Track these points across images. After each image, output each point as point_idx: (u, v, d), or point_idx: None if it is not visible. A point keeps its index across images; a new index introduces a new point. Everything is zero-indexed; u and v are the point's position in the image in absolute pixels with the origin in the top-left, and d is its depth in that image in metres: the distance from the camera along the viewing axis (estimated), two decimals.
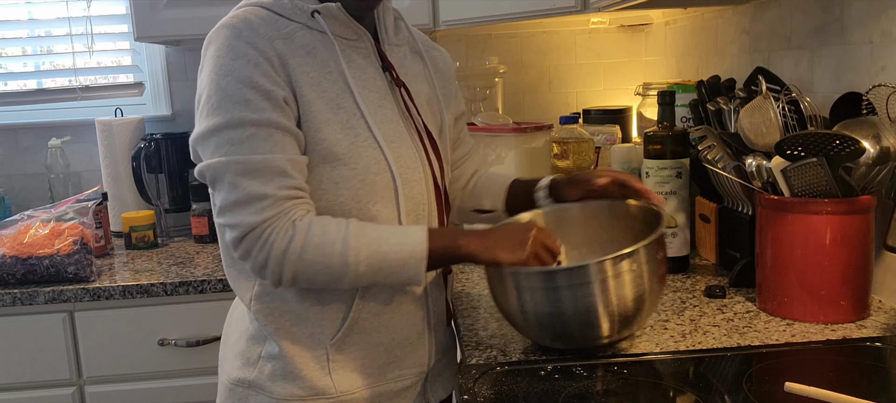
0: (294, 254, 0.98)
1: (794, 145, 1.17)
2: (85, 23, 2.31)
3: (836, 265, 1.17)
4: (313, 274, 1.00)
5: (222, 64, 0.98)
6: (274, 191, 0.98)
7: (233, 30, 1.00)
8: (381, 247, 0.99)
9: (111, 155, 2.15)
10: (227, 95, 0.97)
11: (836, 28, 1.35)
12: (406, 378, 1.16)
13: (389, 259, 0.99)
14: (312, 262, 0.98)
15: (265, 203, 0.97)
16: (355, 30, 1.09)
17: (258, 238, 0.98)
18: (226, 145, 0.98)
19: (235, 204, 0.98)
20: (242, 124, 0.97)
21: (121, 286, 1.71)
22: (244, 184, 0.97)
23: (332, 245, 0.98)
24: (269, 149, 0.98)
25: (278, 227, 0.98)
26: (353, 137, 1.04)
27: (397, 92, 1.13)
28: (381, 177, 1.05)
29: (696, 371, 1.04)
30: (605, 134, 1.99)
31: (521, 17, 1.85)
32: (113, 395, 1.76)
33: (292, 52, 1.02)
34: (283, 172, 0.98)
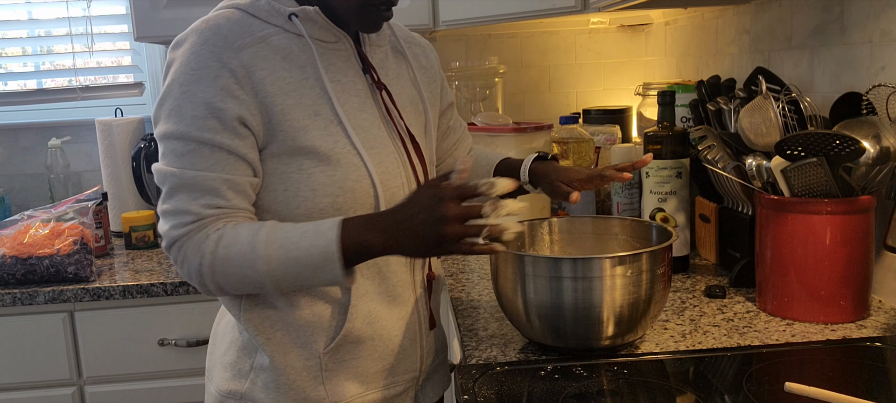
0: (207, 268, 0.98)
1: (794, 145, 1.17)
2: (85, 23, 2.31)
3: (836, 265, 1.17)
4: (234, 284, 1.00)
5: (183, 72, 0.98)
6: (198, 209, 0.98)
7: (201, 36, 0.98)
8: (291, 252, 0.96)
9: (111, 155, 2.15)
10: (179, 106, 0.98)
11: (836, 28, 1.35)
12: (399, 384, 1.15)
13: (303, 263, 0.96)
14: (227, 274, 0.98)
15: (187, 218, 0.98)
16: (335, 32, 1.06)
17: (179, 251, 1.00)
18: (169, 154, 0.99)
19: (165, 214, 1.00)
20: (185, 138, 0.97)
21: (121, 286, 1.71)
22: (176, 196, 0.99)
23: (241, 256, 0.97)
24: (207, 167, 0.98)
25: (194, 242, 0.99)
26: (332, 144, 1.02)
27: (379, 95, 1.11)
28: (361, 183, 1.04)
29: (696, 371, 1.04)
30: (605, 134, 1.99)
31: (521, 17, 1.85)
32: (113, 395, 1.76)
33: (264, 58, 1.00)
34: (215, 191, 0.98)
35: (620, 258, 1.03)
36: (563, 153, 1.87)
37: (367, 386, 1.11)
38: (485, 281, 1.54)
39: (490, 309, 1.34)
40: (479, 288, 1.49)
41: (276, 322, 1.06)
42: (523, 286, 1.07)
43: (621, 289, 1.03)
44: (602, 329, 1.05)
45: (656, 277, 1.06)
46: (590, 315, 1.04)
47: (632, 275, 1.03)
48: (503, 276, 1.10)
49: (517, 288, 1.08)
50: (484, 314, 1.32)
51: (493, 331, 1.23)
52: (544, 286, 1.04)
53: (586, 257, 1.03)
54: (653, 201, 1.51)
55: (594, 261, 1.02)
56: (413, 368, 1.17)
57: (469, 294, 1.45)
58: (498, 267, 1.12)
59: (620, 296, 1.03)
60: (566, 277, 1.03)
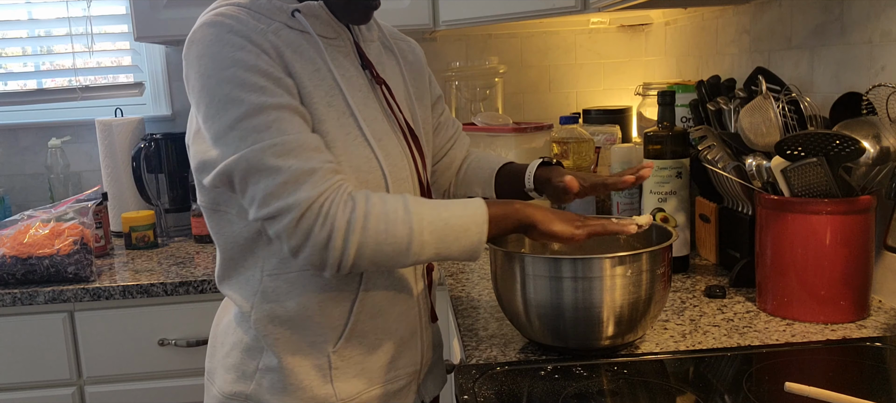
0: (357, 224, 0.93)
1: (794, 145, 1.17)
2: (85, 23, 2.31)
3: (836, 265, 1.17)
4: (377, 247, 0.94)
5: (220, 57, 0.94)
6: (321, 165, 0.93)
7: (221, 26, 0.95)
8: (443, 214, 0.96)
9: (111, 155, 2.15)
10: (238, 85, 0.93)
11: (836, 28, 1.35)
12: (402, 379, 1.15)
13: (452, 224, 0.96)
14: (376, 232, 0.93)
15: (317, 176, 0.93)
16: (335, 28, 1.07)
17: (318, 212, 0.92)
18: (251, 134, 0.92)
19: (284, 185, 0.92)
20: (263, 109, 0.92)
21: (121, 286, 1.71)
22: (287, 164, 0.92)
23: (394, 212, 0.94)
24: (300, 129, 0.94)
25: (337, 198, 0.93)
26: (345, 135, 1.02)
27: (378, 89, 1.12)
28: (373, 175, 1.04)
29: (696, 371, 1.04)
30: (605, 134, 1.99)
31: (521, 17, 1.85)
32: (113, 395, 1.76)
33: (284, 45, 1.00)
34: (320, 148, 0.95)
35: (620, 258, 1.03)
36: (563, 153, 1.87)
37: (372, 382, 1.11)
38: (485, 281, 1.54)
39: (490, 309, 1.34)
40: (479, 288, 1.49)
41: (286, 322, 1.06)
42: (523, 286, 1.07)
43: (621, 289, 1.03)
44: (602, 329, 1.05)
45: (656, 277, 1.06)
46: (590, 315, 1.04)
47: (632, 275, 1.03)
48: (503, 276, 1.10)
49: (517, 288, 1.08)
50: (484, 314, 1.32)
51: (493, 331, 1.23)
52: (544, 286, 1.04)
53: (586, 257, 1.03)
54: (653, 201, 1.51)
55: (594, 261, 1.02)
56: (414, 362, 1.17)
57: (469, 294, 1.45)
58: (498, 267, 1.12)
59: (620, 296, 1.03)
60: (566, 277, 1.03)
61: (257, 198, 0.94)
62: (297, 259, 0.96)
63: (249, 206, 0.96)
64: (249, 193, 0.95)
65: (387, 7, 1.91)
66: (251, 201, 0.95)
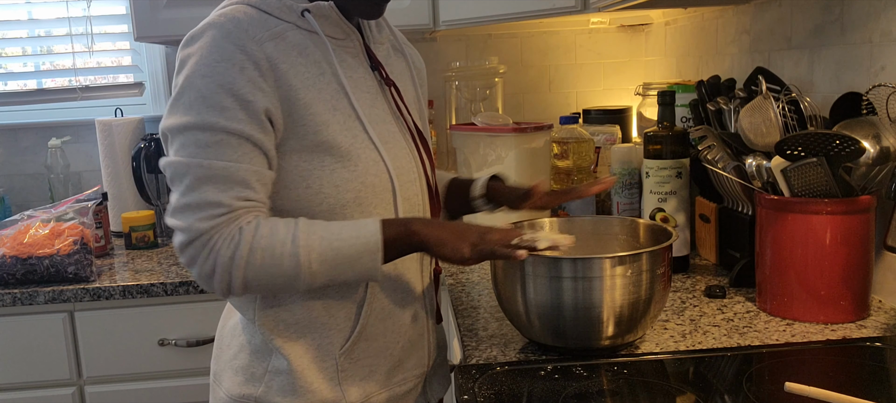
0: (241, 260, 0.95)
1: (794, 145, 1.17)
2: (85, 23, 2.31)
3: (836, 265, 1.17)
4: (265, 278, 0.96)
5: (205, 63, 0.95)
6: (229, 201, 0.95)
7: (221, 29, 0.96)
8: (333, 243, 0.96)
9: (111, 155, 2.15)
10: (203, 96, 0.94)
11: (836, 28, 1.35)
12: (409, 381, 1.15)
13: (343, 253, 0.96)
14: (262, 266, 0.95)
15: (218, 211, 0.95)
16: (345, 29, 1.06)
17: (204, 245, 0.95)
18: (191, 146, 0.95)
19: (187, 207, 0.95)
20: (212, 128, 0.94)
21: (121, 286, 1.71)
22: (202, 188, 0.95)
23: (281, 245, 0.95)
24: (236, 158, 0.95)
25: (225, 234, 0.95)
26: (351, 139, 1.02)
27: (387, 91, 1.11)
28: (380, 178, 1.04)
29: (696, 371, 1.04)
30: (605, 134, 1.99)
31: (521, 17, 1.85)
32: (113, 395, 1.76)
33: (284, 52, 0.99)
34: (245, 183, 0.96)
35: (620, 258, 1.03)
36: (562, 153, 1.87)
37: (380, 384, 1.11)
38: (485, 281, 1.54)
39: (490, 309, 1.34)
40: (479, 288, 1.49)
41: (292, 324, 1.05)
42: (523, 286, 1.07)
43: (621, 289, 1.03)
44: (602, 329, 1.05)
45: (656, 277, 1.06)
46: (590, 315, 1.04)
47: (632, 275, 1.03)
48: (503, 276, 1.10)
49: (517, 288, 1.08)
50: (484, 314, 1.32)
51: (493, 331, 1.23)
52: (544, 286, 1.04)
53: (586, 257, 1.03)
54: (653, 201, 1.51)
55: (594, 261, 1.02)
56: (422, 363, 1.17)
57: (469, 294, 1.45)
58: (498, 267, 1.12)
59: (620, 296, 1.03)
60: (566, 277, 1.03)
61: (170, 204, 0.98)
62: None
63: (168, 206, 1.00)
64: (170, 195, 0.99)
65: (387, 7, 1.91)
66: (169, 202, 0.99)
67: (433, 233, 0.99)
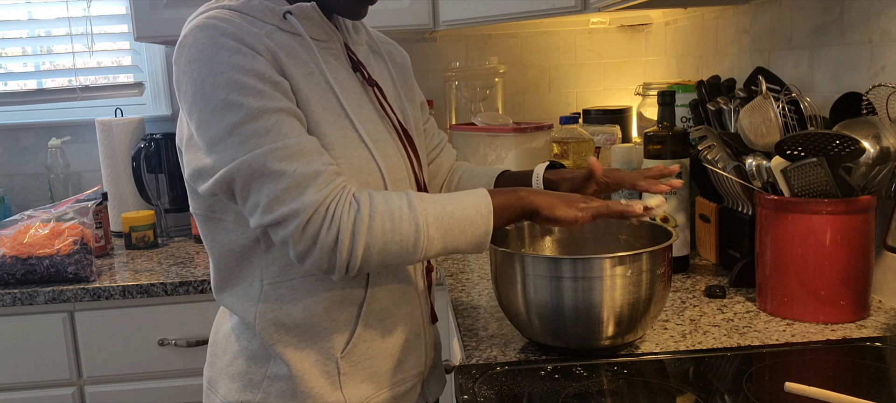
0: (363, 225, 0.92)
1: (794, 145, 1.17)
2: (85, 23, 2.31)
3: (836, 265, 1.17)
4: (384, 245, 0.93)
5: (215, 62, 0.91)
6: (323, 168, 0.92)
7: (213, 29, 0.93)
8: (447, 207, 0.96)
9: (111, 155, 2.15)
10: (235, 89, 0.90)
11: (836, 28, 1.35)
12: (408, 381, 1.15)
13: (457, 217, 0.96)
14: (383, 231, 0.93)
15: (320, 180, 0.91)
16: (327, 30, 1.05)
17: (324, 215, 0.91)
18: (251, 139, 0.90)
19: (288, 190, 0.90)
20: (263, 113, 0.91)
21: (121, 286, 1.71)
22: (290, 168, 0.90)
23: (399, 210, 0.93)
24: (298, 133, 0.93)
25: (342, 200, 0.92)
26: (343, 138, 1.01)
27: (371, 91, 1.10)
28: (372, 177, 1.03)
29: (696, 371, 1.04)
30: (605, 134, 1.99)
31: (521, 17, 1.85)
32: (113, 395, 1.76)
33: (277, 48, 0.98)
34: (320, 151, 0.94)
35: (620, 258, 1.03)
36: (562, 153, 1.87)
37: (380, 385, 1.10)
38: (485, 281, 1.54)
39: (490, 309, 1.34)
40: (479, 288, 1.49)
41: (293, 328, 1.04)
42: (523, 286, 1.07)
43: (621, 289, 1.03)
44: (602, 329, 1.05)
45: (656, 277, 1.06)
46: (590, 315, 1.04)
47: (632, 275, 1.03)
48: (503, 276, 1.10)
49: (517, 288, 1.08)
50: (484, 314, 1.32)
51: (493, 331, 1.23)
52: (544, 286, 1.04)
53: (586, 257, 1.03)
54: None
55: (594, 261, 1.02)
56: (419, 363, 1.17)
57: (469, 294, 1.45)
58: (498, 267, 1.12)
59: (620, 296, 1.03)
60: (566, 277, 1.03)
61: (261, 203, 0.92)
62: (304, 264, 0.95)
63: (252, 213, 0.94)
64: (252, 199, 0.93)
65: (387, 7, 1.91)
66: (254, 207, 0.93)
67: (542, 198, 1.00)
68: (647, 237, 1.19)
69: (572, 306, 1.04)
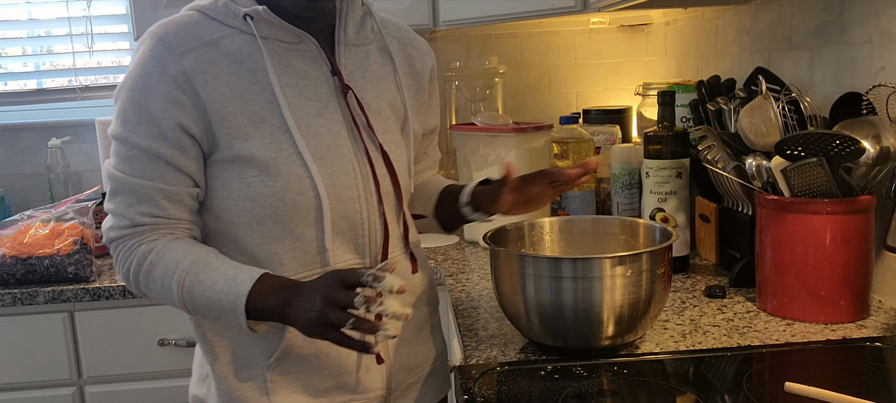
0: (133, 277, 1.01)
1: (794, 145, 1.17)
2: (85, 23, 2.31)
3: (836, 265, 1.17)
4: (156, 297, 1.02)
5: (131, 77, 0.98)
6: (134, 216, 0.99)
7: (151, 40, 0.98)
8: (206, 292, 0.97)
9: None
10: (124, 110, 0.98)
11: (836, 28, 1.35)
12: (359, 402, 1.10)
13: (214, 304, 0.97)
14: (148, 288, 1.01)
15: (124, 223, 1.00)
16: (295, 33, 1.01)
17: (114, 251, 1.02)
18: (115, 155, 1.00)
19: (108, 212, 1.02)
20: (127, 143, 0.98)
21: (121, 286, 1.71)
22: (115, 199, 1.00)
23: (162, 278, 0.99)
24: (145, 175, 0.98)
25: (125, 248, 1.01)
26: (275, 152, 0.98)
27: (343, 99, 1.04)
28: (304, 196, 0.99)
29: (696, 371, 1.04)
30: (605, 134, 1.99)
31: (521, 17, 1.85)
32: (113, 395, 1.76)
33: (210, 63, 0.97)
34: (150, 200, 0.99)
35: (620, 258, 1.03)
36: (562, 153, 1.87)
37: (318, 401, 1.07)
38: (485, 281, 1.54)
39: (490, 309, 1.34)
40: (479, 288, 1.49)
41: (223, 331, 1.06)
42: (523, 286, 1.07)
43: (621, 289, 1.03)
44: (602, 329, 1.05)
45: (656, 277, 1.06)
46: (590, 315, 1.04)
47: (632, 275, 1.03)
48: (503, 276, 1.10)
49: (517, 288, 1.08)
50: (484, 314, 1.32)
51: (493, 331, 1.23)
52: (544, 286, 1.04)
53: (586, 257, 1.03)
54: (653, 201, 1.51)
55: (594, 261, 1.02)
56: (376, 386, 1.10)
57: (469, 294, 1.45)
58: (498, 267, 1.12)
59: (620, 296, 1.03)
60: (566, 277, 1.03)
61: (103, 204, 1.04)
62: None
63: None
64: None
65: (387, 7, 1.91)
66: None
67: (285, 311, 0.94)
68: (647, 237, 1.20)
69: (572, 306, 1.04)
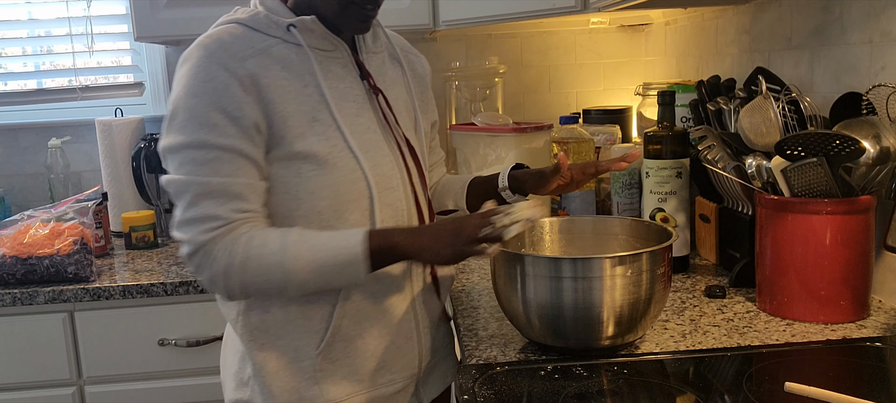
0: (236, 269, 1.01)
1: (794, 145, 1.17)
2: (85, 23, 2.31)
3: (836, 265, 1.17)
4: (258, 285, 1.03)
5: (194, 84, 1.00)
6: (227, 214, 1.01)
7: (206, 49, 1.02)
8: (319, 255, 1.01)
9: (111, 155, 2.15)
10: (195, 116, 1.00)
11: (836, 28, 1.35)
12: (397, 382, 1.17)
13: (329, 264, 1.01)
14: (255, 275, 1.02)
15: (217, 223, 1.01)
16: (332, 41, 1.10)
17: (206, 255, 1.02)
18: (189, 164, 1.01)
19: (190, 221, 1.02)
20: (206, 146, 1.00)
21: (121, 286, 1.71)
22: (201, 204, 1.01)
23: (272, 255, 1.01)
24: (230, 173, 1.01)
25: (222, 245, 1.01)
26: (329, 148, 1.06)
27: (375, 100, 1.15)
28: (357, 185, 1.07)
29: (696, 371, 1.04)
30: (605, 134, 1.99)
31: (521, 17, 1.85)
32: (113, 395, 1.76)
33: (266, 67, 1.04)
34: (240, 196, 1.02)
35: (620, 258, 1.03)
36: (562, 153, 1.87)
37: (362, 384, 1.13)
38: (485, 281, 1.54)
39: (490, 309, 1.34)
40: (479, 288, 1.49)
41: (271, 325, 1.10)
42: (523, 286, 1.07)
43: (621, 289, 1.03)
44: (602, 329, 1.05)
45: (656, 277, 1.06)
46: (590, 315, 1.04)
47: (632, 275, 1.03)
48: (503, 276, 1.10)
49: (517, 288, 1.08)
50: (484, 314, 1.32)
51: (493, 331, 1.23)
52: (544, 286, 1.04)
53: (586, 257, 1.03)
54: (653, 201, 1.51)
55: (594, 261, 1.02)
56: (411, 366, 1.18)
57: (469, 294, 1.45)
58: (498, 267, 1.12)
59: (620, 296, 1.03)
60: (566, 277, 1.03)
61: (175, 219, 1.04)
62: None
63: (171, 222, 1.05)
64: (174, 211, 1.05)
65: (387, 7, 1.90)
66: (172, 218, 1.05)
67: (413, 243, 1.03)
68: (647, 237, 1.19)
69: (572, 306, 1.04)
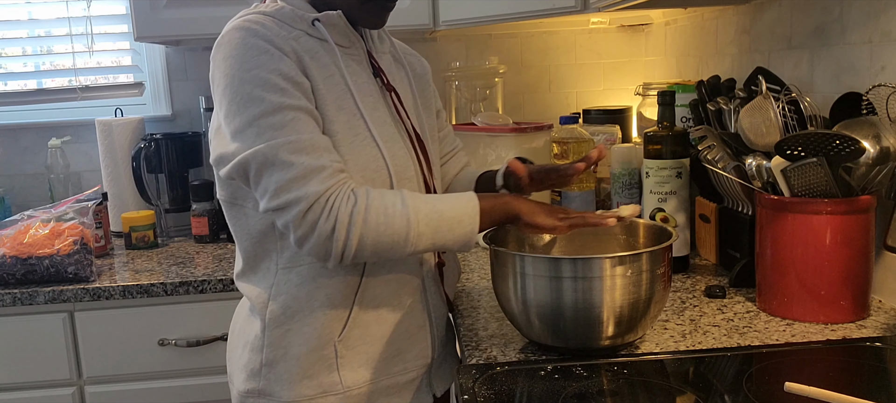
0: (359, 217, 1.00)
1: (794, 145, 1.17)
2: (85, 23, 2.31)
3: (836, 265, 1.17)
4: (377, 237, 1.02)
5: (245, 59, 1.00)
6: (329, 163, 1.01)
7: (248, 31, 1.03)
8: (437, 206, 1.04)
9: (111, 155, 2.15)
10: (260, 85, 0.99)
11: (836, 28, 1.35)
12: (410, 371, 1.20)
13: (446, 216, 1.04)
14: (376, 224, 1.01)
15: (325, 173, 1.00)
16: (350, 37, 1.14)
17: (324, 206, 1.00)
18: (268, 131, 0.99)
19: (295, 180, 0.99)
20: (282, 109, 1.00)
21: (121, 286, 1.71)
22: (299, 160, 0.99)
23: (392, 206, 1.02)
24: (311, 130, 1.02)
25: (341, 194, 1.01)
26: (353, 136, 1.09)
27: (388, 96, 1.18)
28: (379, 174, 1.10)
29: (696, 371, 1.04)
30: (605, 134, 1.99)
31: (521, 17, 1.85)
32: (113, 395, 1.76)
33: (303, 51, 1.07)
34: (329, 149, 1.03)
35: (620, 258, 1.03)
36: (562, 153, 1.87)
37: (379, 372, 1.16)
38: (485, 281, 1.54)
39: (490, 309, 1.34)
40: (479, 288, 1.49)
41: (297, 312, 1.11)
42: (523, 286, 1.07)
43: (621, 289, 1.03)
44: (602, 329, 1.05)
45: (656, 277, 1.06)
46: (590, 315, 1.04)
47: (632, 275, 1.03)
48: (503, 276, 1.10)
49: (517, 288, 1.08)
50: (484, 314, 1.32)
51: (493, 331, 1.23)
52: (544, 286, 1.04)
53: (586, 257, 1.03)
54: (653, 201, 1.51)
55: (594, 261, 1.02)
56: (424, 355, 1.22)
57: (469, 294, 1.45)
58: (498, 267, 1.12)
59: (620, 296, 1.03)
60: (566, 277, 1.03)
61: (270, 190, 1.00)
62: (302, 249, 1.03)
63: (261, 198, 1.02)
64: (263, 185, 1.01)
65: None
66: (263, 192, 1.01)
67: (525, 205, 1.09)
68: (647, 237, 1.20)
69: (572, 306, 1.04)
